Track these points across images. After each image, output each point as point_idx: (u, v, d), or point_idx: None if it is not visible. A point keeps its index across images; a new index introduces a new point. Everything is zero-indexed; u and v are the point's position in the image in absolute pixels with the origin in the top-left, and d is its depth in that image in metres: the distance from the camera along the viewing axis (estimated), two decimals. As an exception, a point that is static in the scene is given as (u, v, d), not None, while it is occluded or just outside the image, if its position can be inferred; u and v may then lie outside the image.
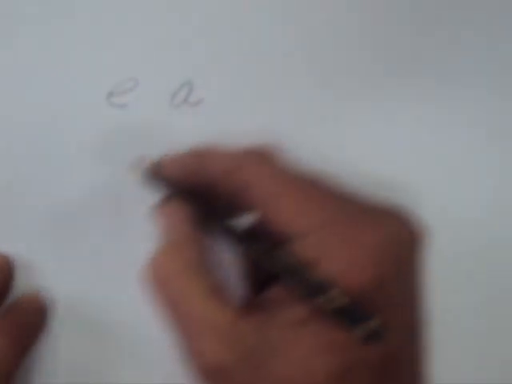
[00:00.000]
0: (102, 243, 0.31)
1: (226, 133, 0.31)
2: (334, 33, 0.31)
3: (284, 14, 0.31)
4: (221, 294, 0.24)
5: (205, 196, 0.26)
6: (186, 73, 0.30)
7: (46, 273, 0.31)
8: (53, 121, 0.30)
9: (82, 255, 0.31)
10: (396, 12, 0.31)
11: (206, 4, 0.30)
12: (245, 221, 0.25)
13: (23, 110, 0.30)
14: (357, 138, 0.31)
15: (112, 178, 0.30)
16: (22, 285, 0.31)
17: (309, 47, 0.31)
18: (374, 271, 0.22)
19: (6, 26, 0.30)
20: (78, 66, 0.30)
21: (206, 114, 0.31)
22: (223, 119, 0.31)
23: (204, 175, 0.26)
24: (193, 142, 0.30)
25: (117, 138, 0.30)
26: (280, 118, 0.31)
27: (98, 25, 0.30)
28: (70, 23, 0.30)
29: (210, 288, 0.24)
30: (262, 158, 0.25)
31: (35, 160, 0.30)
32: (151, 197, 0.28)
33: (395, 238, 0.23)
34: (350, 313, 0.21)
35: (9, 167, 0.30)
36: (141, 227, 0.30)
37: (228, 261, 0.28)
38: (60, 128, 0.30)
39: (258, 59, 0.31)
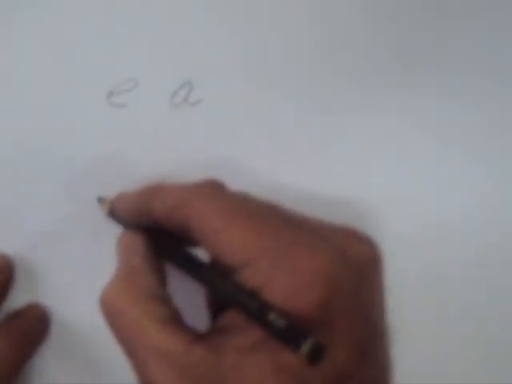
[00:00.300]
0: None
1: (226, 133, 0.31)
2: (334, 33, 0.31)
3: (284, 14, 0.31)
4: (175, 322, 0.24)
5: (158, 230, 0.27)
6: (186, 73, 0.30)
7: (45, 273, 0.31)
8: (53, 121, 0.30)
9: (82, 257, 0.31)
10: (396, 12, 0.31)
11: (206, 4, 0.30)
12: (196, 253, 0.26)
13: (23, 110, 0.30)
14: (357, 138, 0.31)
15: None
16: (22, 285, 0.31)
17: (309, 47, 0.31)
18: (318, 294, 0.22)
19: (6, 26, 0.30)
20: (78, 66, 0.30)
21: (206, 114, 0.31)
22: (223, 119, 0.31)
23: (151, 213, 0.26)
24: (193, 142, 0.31)
25: (117, 137, 0.30)
26: (280, 117, 0.31)
27: (98, 25, 0.30)
28: (69, 23, 0.30)
29: (163, 317, 0.24)
30: (205, 192, 0.25)
31: (35, 160, 0.30)
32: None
33: (343, 258, 0.23)
34: (290, 334, 0.22)
35: (9, 167, 0.30)
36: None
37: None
38: (60, 128, 0.30)
39: (258, 59, 0.31)
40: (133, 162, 0.31)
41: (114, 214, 0.28)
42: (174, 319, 0.24)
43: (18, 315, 0.30)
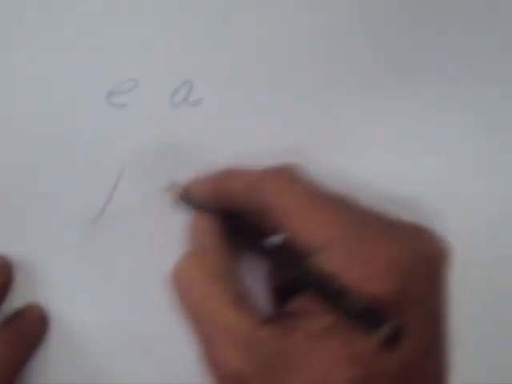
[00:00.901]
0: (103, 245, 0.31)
1: (226, 132, 0.31)
2: (334, 33, 0.31)
3: (284, 14, 0.31)
4: (244, 302, 0.24)
5: (232, 213, 0.27)
6: (185, 72, 0.30)
7: (45, 274, 0.31)
8: (53, 120, 0.30)
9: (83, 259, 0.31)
10: (396, 11, 0.31)
11: (206, 4, 0.30)
12: (271, 237, 0.26)
13: (23, 110, 0.30)
14: (357, 138, 0.31)
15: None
16: (22, 286, 0.31)
17: (309, 47, 0.31)
18: (394, 284, 0.22)
19: (5, 26, 0.30)
20: (78, 65, 0.30)
21: (206, 114, 0.31)
22: (223, 119, 0.31)
23: (228, 197, 0.27)
24: (193, 142, 0.31)
25: (117, 137, 0.30)
26: (280, 118, 0.31)
27: (98, 25, 0.30)
28: (70, 23, 0.30)
29: (233, 295, 0.24)
30: (282, 175, 0.26)
31: (35, 160, 0.30)
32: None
33: (418, 253, 0.24)
34: (368, 317, 0.22)
35: (9, 167, 0.30)
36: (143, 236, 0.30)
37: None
38: (60, 128, 0.30)
39: (258, 59, 0.31)
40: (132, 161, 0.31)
41: (186, 198, 0.28)
42: (244, 299, 0.24)
43: (17, 317, 0.30)
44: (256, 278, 0.29)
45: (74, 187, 0.30)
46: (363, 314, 0.22)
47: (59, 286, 0.31)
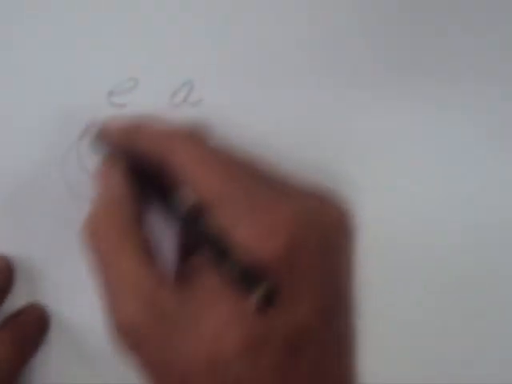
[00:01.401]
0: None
1: (226, 133, 0.31)
2: (335, 32, 0.31)
3: (284, 14, 0.31)
4: (151, 257, 0.24)
5: (138, 164, 0.27)
6: (186, 73, 0.30)
7: (45, 274, 0.31)
8: (53, 121, 0.30)
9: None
10: (396, 11, 0.31)
11: (206, 4, 0.30)
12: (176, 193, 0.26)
13: (23, 110, 0.30)
14: (357, 138, 0.31)
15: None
16: (22, 286, 0.31)
17: (309, 47, 0.31)
18: (279, 245, 0.22)
19: (6, 26, 0.30)
20: (78, 65, 0.30)
21: (206, 114, 0.31)
22: (223, 119, 0.31)
23: (135, 146, 0.27)
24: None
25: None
26: (280, 118, 0.31)
27: (98, 25, 0.30)
28: (70, 23, 0.30)
29: (139, 247, 0.24)
30: (185, 136, 0.26)
31: (35, 160, 0.30)
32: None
33: (310, 218, 0.24)
34: (248, 277, 0.22)
35: (9, 167, 0.30)
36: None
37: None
38: (60, 128, 0.30)
39: (258, 59, 0.31)
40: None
41: (99, 140, 0.28)
42: (151, 254, 0.25)
43: (17, 317, 0.30)
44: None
45: (73, 187, 0.30)
46: (243, 274, 0.22)
47: (59, 286, 0.31)
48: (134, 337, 0.24)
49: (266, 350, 0.22)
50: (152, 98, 0.30)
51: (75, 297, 0.31)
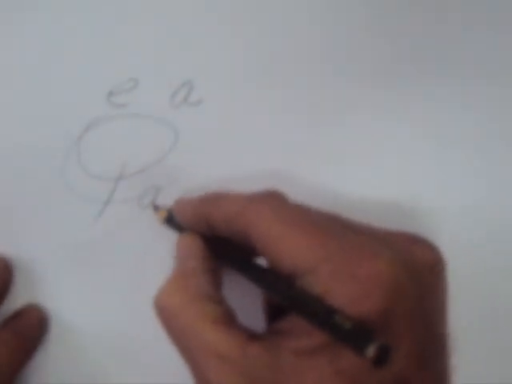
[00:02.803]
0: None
1: (226, 133, 0.31)
2: (335, 32, 0.31)
3: (284, 14, 0.31)
4: (231, 323, 0.24)
5: (216, 236, 0.27)
6: (186, 73, 0.30)
7: (45, 274, 0.31)
8: (53, 121, 0.30)
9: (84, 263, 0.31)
10: (397, 11, 0.31)
11: (206, 4, 0.30)
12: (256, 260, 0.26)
13: (23, 110, 0.30)
14: (357, 137, 0.31)
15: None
16: (22, 286, 0.31)
17: (309, 47, 0.31)
18: (379, 302, 0.22)
19: (6, 26, 0.30)
20: (78, 65, 0.30)
21: (206, 114, 0.31)
22: (223, 119, 0.31)
23: (210, 221, 0.27)
24: (193, 142, 0.31)
25: (117, 137, 0.30)
26: (280, 118, 0.31)
27: (99, 25, 0.30)
28: (70, 23, 0.30)
29: (218, 317, 0.24)
30: (264, 203, 0.25)
31: (35, 160, 0.30)
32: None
33: (405, 265, 0.23)
34: (355, 337, 0.22)
35: (8, 167, 0.30)
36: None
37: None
38: (60, 128, 0.30)
39: (258, 59, 0.31)
40: (132, 161, 0.31)
41: (171, 220, 0.29)
42: (229, 319, 0.24)
43: (16, 318, 0.30)
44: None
45: (74, 187, 0.30)
46: (350, 335, 0.22)
47: (59, 287, 0.31)
48: None
49: None
50: (152, 98, 0.30)
51: (74, 297, 0.31)
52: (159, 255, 0.31)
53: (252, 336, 0.24)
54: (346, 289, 0.22)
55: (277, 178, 0.31)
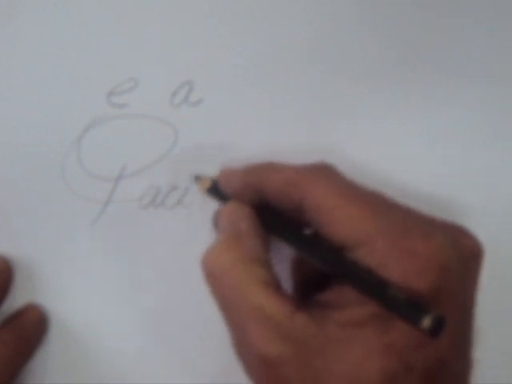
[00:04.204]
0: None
1: (226, 133, 0.31)
2: (335, 32, 0.31)
3: (284, 14, 0.31)
4: (278, 287, 0.24)
5: (264, 205, 0.27)
6: (186, 73, 0.30)
7: (45, 274, 0.31)
8: (53, 121, 0.30)
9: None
10: (397, 12, 0.31)
11: (206, 4, 0.30)
12: (304, 230, 0.26)
13: (23, 110, 0.30)
14: (358, 139, 0.31)
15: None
16: (21, 286, 0.31)
17: (309, 47, 0.31)
18: (433, 279, 0.23)
19: (6, 26, 0.30)
20: (78, 65, 0.30)
21: (206, 114, 0.31)
22: (223, 119, 0.31)
23: (262, 190, 0.26)
24: (193, 142, 0.31)
25: (117, 137, 0.30)
26: (280, 118, 0.31)
27: (98, 25, 0.30)
28: (69, 23, 0.30)
29: (267, 279, 0.24)
30: (319, 173, 0.26)
31: (35, 160, 0.30)
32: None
33: (457, 250, 0.24)
34: (409, 309, 0.22)
35: (9, 167, 0.30)
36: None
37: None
38: (60, 128, 0.30)
39: (258, 59, 0.31)
40: (132, 161, 0.31)
41: (215, 189, 0.28)
42: (277, 284, 0.24)
43: (16, 317, 0.30)
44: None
45: (74, 187, 0.30)
46: (405, 306, 0.22)
47: (59, 286, 0.31)
48: (272, 368, 0.23)
49: (412, 378, 0.22)
50: (152, 98, 0.30)
51: (74, 297, 0.31)
52: (159, 255, 0.31)
53: (299, 305, 0.24)
54: (400, 263, 0.23)
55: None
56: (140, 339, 0.31)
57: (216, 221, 0.29)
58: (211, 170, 0.30)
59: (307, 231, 0.26)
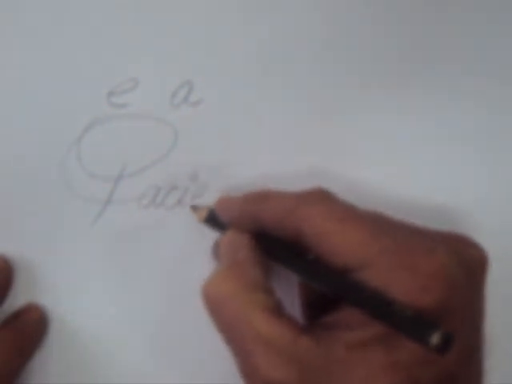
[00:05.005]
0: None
1: (226, 133, 0.31)
2: (335, 32, 0.31)
3: (284, 14, 0.31)
4: (282, 313, 0.24)
5: (262, 232, 0.27)
6: (185, 73, 0.30)
7: (45, 274, 0.31)
8: (53, 121, 0.30)
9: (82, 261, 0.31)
10: (397, 11, 0.31)
11: (206, 4, 0.30)
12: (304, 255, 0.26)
13: (23, 110, 0.30)
14: (357, 137, 0.31)
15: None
16: (22, 286, 0.31)
17: (309, 47, 0.31)
18: (438, 295, 0.23)
19: (6, 26, 0.30)
20: (78, 65, 0.30)
21: (206, 114, 0.31)
22: (223, 119, 0.31)
23: (259, 219, 0.27)
24: (193, 142, 0.31)
25: (117, 137, 0.30)
26: (280, 118, 0.31)
27: (98, 25, 0.30)
28: (69, 23, 0.30)
29: (270, 306, 0.24)
30: (315, 199, 0.26)
31: (35, 159, 0.30)
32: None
33: (460, 262, 0.24)
34: (415, 327, 0.22)
35: (9, 167, 0.30)
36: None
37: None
38: (60, 128, 0.30)
39: (258, 59, 0.31)
40: (132, 161, 0.31)
41: (212, 219, 0.29)
42: (280, 310, 0.24)
43: (16, 317, 0.30)
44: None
45: (74, 187, 0.30)
46: (412, 323, 0.22)
47: (59, 286, 0.31)
48: None
49: None
50: (152, 97, 0.30)
51: (75, 297, 0.31)
52: (159, 255, 0.31)
53: (303, 328, 0.24)
54: (405, 282, 0.23)
55: (277, 178, 0.31)
56: (140, 339, 0.31)
57: (216, 250, 0.29)
58: (211, 170, 0.30)
59: (308, 256, 0.26)
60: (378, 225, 0.25)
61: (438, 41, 0.31)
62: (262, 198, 0.27)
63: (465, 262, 0.24)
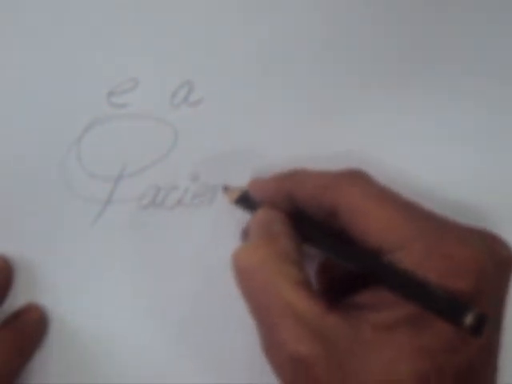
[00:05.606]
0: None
1: (226, 133, 0.31)
2: (335, 32, 0.31)
3: (284, 14, 0.31)
4: (310, 287, 0.24)
5: (295, 212, 0.27)
6: (185, 73, 0.30)
7: (45, 274, 0.31)
8: (53, 121, 0.30)
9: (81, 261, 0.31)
10: (397, 11, 0.31)
11: (206, 4, 0.30)
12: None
13: (23, 110, 0.30)
14: (356, 137, 0.31)
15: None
16: (22, 286, 0.31)
17: (309, 47, 0.31)
18: (471, 281, 0.23)
19: (6, 26, 0.30)
20: (78, 65, 0.30)
21: (206, 114, 0.31)
22: (223, 119, 0.31)
23: (295, 197, 0.27)
24: (193, 142, 0.31)
25: (117, 137, 0.30)
26: (280, 118, 0.31)
27: (98, 25, 0.30)
28: (69, 23, 0.30)
29: (300, 279, 0.24)
30: (353, 178, 0.26)
31: (35, 159, 0.30)
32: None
33: (493, 255, 0.24)
34: (450, 308, 0.22)
35: (9, 167, 0.30)
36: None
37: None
38: (60, 128, 0.30)
39: (258, 59, 0.31)
40: (132, 161, 0.31)
41: (245, 199, 0.29)
42: (309, 284, 0.24)
43: (16, 317, 0.30)
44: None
45: (74, 187, 0.30)
46: (445, 304, 0.22)
47: (59, 286, 0.31)
48: (302, 368, 0.23)
49: (444, 381, 0.22)
50: (152, 97, 0.30)
51: (75, 297, 0.31)
52: (159, 255, 0.31)
53: (331, 305, 0.24)
54: (438, 266, 0.23)
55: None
56: (140, 338, 0.31)
57: (247, 230, 0.29)
58: (211, 170, 0.30)
59: (342, 236, 0.26)
60: (414, 209, 0.25)
61: (437, 41, 0.31)
62: (298, 175, 0.27)
63: (495, 257, 0.24)
